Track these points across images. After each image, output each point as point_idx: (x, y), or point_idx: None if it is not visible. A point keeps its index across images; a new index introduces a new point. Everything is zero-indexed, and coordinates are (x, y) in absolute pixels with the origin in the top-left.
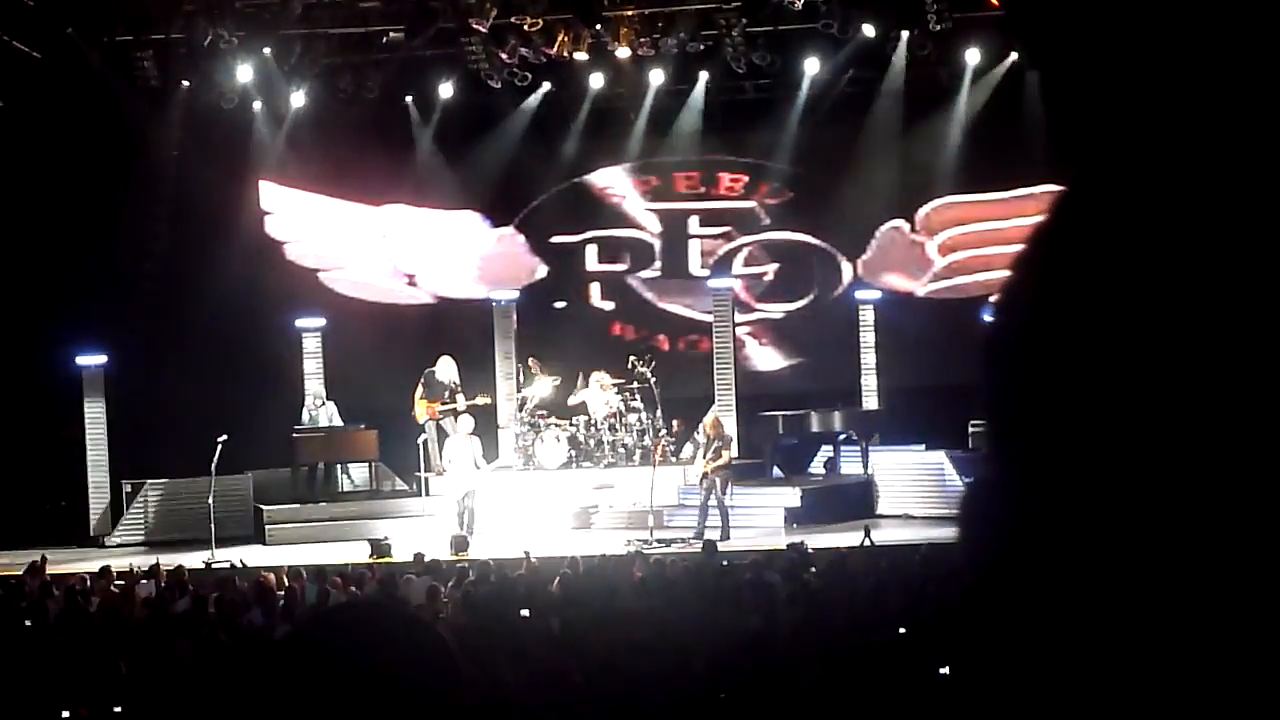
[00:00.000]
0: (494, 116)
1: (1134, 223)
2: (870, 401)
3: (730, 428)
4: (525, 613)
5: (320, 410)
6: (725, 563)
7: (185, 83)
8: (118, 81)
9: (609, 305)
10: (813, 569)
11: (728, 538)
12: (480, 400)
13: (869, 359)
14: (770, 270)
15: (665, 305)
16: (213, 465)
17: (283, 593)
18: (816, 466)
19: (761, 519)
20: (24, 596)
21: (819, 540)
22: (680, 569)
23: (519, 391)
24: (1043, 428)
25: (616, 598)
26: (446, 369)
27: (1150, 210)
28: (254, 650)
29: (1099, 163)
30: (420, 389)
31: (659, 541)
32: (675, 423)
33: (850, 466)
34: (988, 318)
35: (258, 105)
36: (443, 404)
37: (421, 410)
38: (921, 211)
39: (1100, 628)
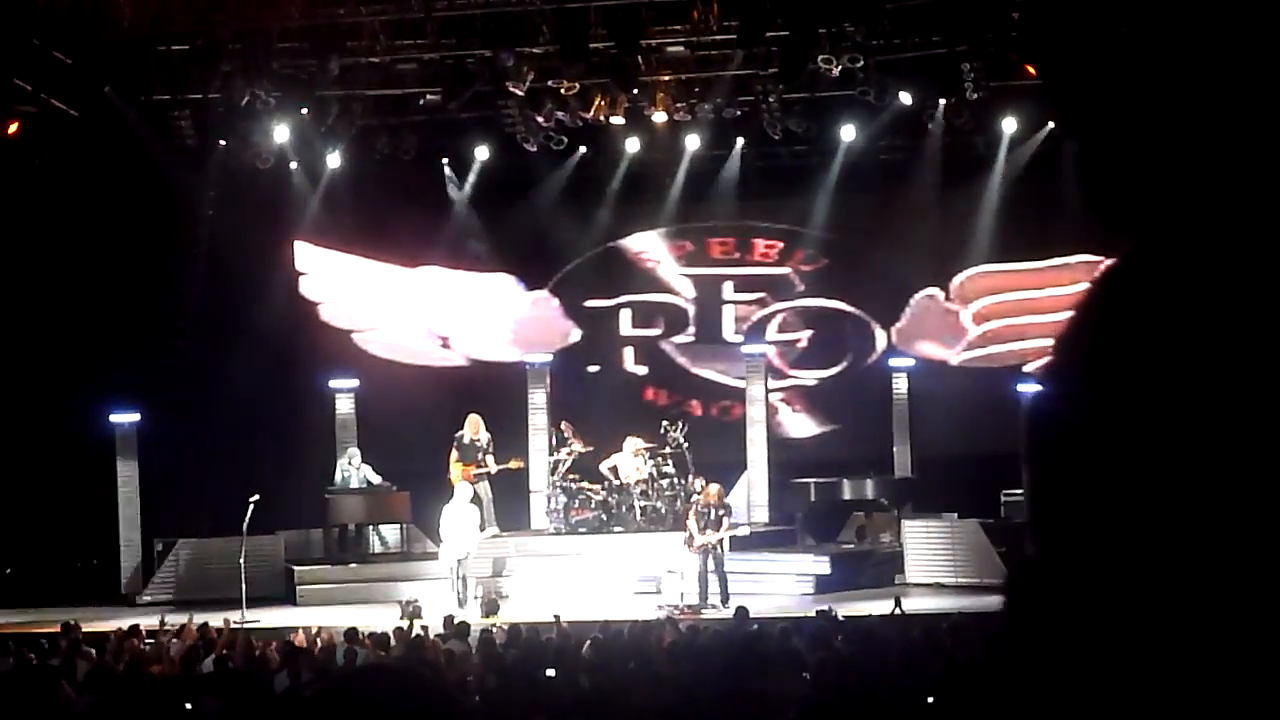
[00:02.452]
0: (529, 180)
1: (1186, 301)
2: (903, 470)
3: (761, 494)
4: (551, 672)
5: (354, 471)
6: (755, 628)
7: (222, 142)
8: (154, 140)
9: (642, 370)
10: (841, 636)
11: (727, 601)
12: (513, 464)
13: (901, 427)
14: (804, 337)
15: (698, 370)
16: (244, 525)
17: (312, 652)
18: (847, 534)
19: (791, 586)
20: (53, 654)
21: (849, 608)
22: (710, 635)
23: (551, 456)
24: (1088, 510)
25: (647, 662)
26: (472, 427)
27: (1204, 289)
28: (280, 711)
29: (1151, 238)
30: (455, 452)
31: (689, 607)
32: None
33: (880, 534)
34: (1029, 389)
35: (294, 165)
36: (477, 466)
37: (457, 473)
38: (956, 280)
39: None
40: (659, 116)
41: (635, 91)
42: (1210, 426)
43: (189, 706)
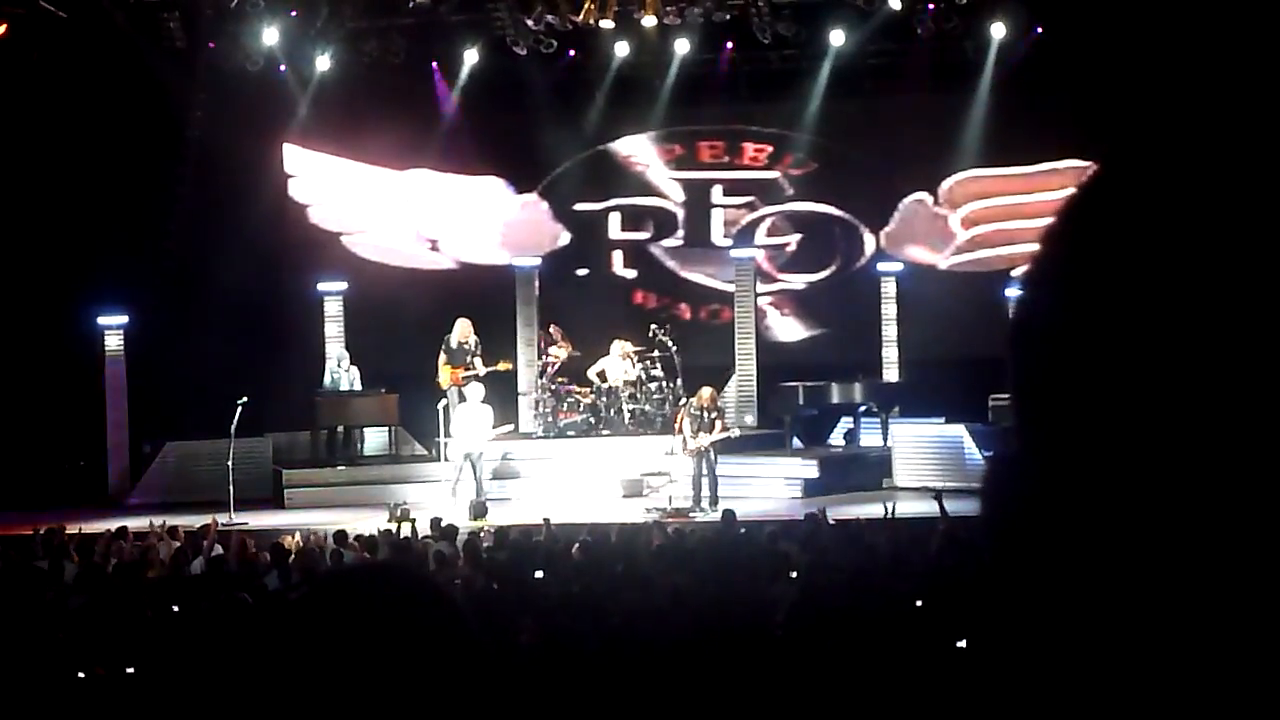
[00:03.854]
0: (519, 83)
1: (1166, 199)
2: (891, 374)
3: (750, 398)
4: (539, 574)
5: (342, 374)
6: (743, 531)
7: (211, 44)
8: (143, 42)
9: (631, 274)
10: (830, 539)
11: (716, 504)
12: (501, 366)
13: (890, 331)
14: (793, 241)
15: (687, 274)
16: (232, 427)
17: (300, 554)
18: (836, 438)
19: (780, 489)
20: (39, 556)
21: (837, 511)
22: (698, 538)
23: (539, 358)
24: (1069, 406)
25: (635, 565)
26: (461, 331)
27: (1182, 187)
28: (269, 612)
29: (1130, 137)
30: (443, 355)
31: (677, 511)
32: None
33: (870, 438)
34: (1015, 293)
35: (283, 68)
36: (466, 369)
37: (445, 376)
38: (945, 184)
39: (1118, 609)
40: (649, 20)
41: None
42: (1188, 327)
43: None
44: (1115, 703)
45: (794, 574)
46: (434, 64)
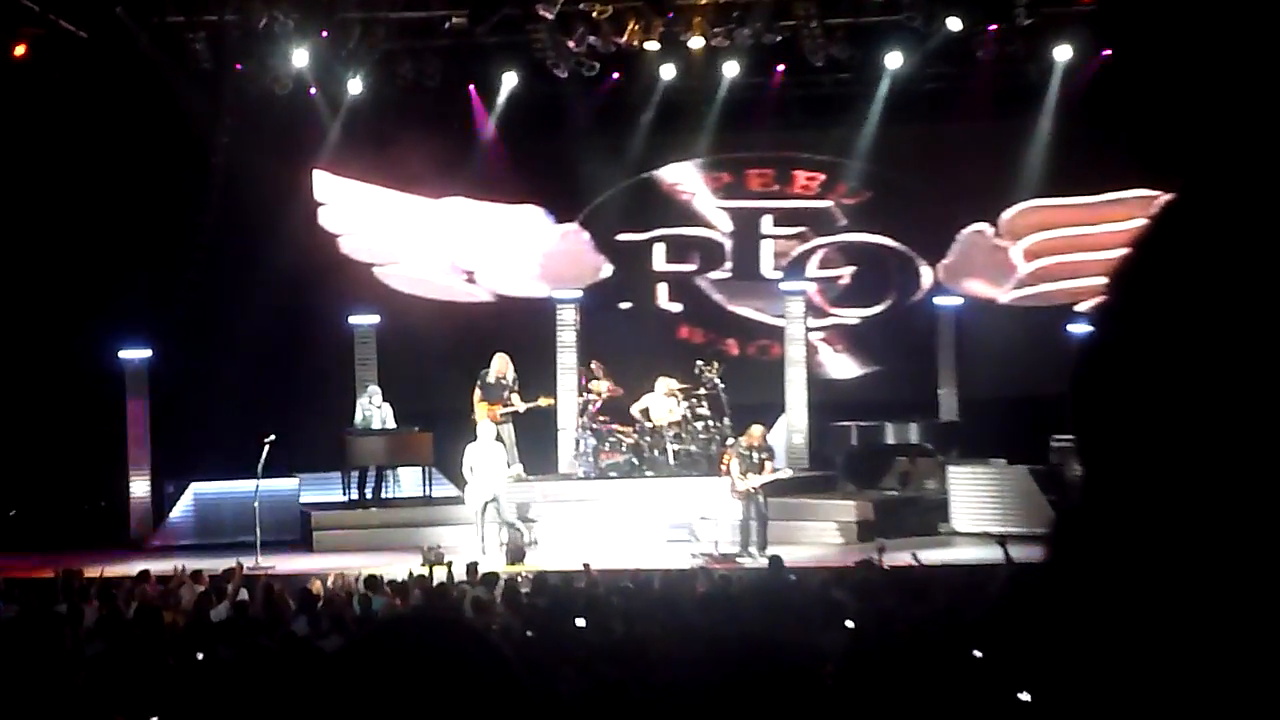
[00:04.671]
0: (559, 108)
1: (1248, 233)
2: (949, 413)
3: (800, 438)
4: (581, 622)
5: (374, 411)
6: (793, 578)
7: (238, 66)
8: (168, 64)
9: (676, 307)
10: (885, 586)
11: (765, 549)
12: (543, 401)
13: (948, 368)
14: (846, 273)
15: (735, 308)
16: (259, 466)
17: (330, 599)
18: (891, 480)
19: (831, 534)
20: (58, 600)
21: (892, 557)
22: (745, 585)
23: (580, 396)
24: (1137, 454)
25: (679, 612)
26: (498, 366)
27: (1266, 220)
28: (302, 661)
29: (1210, 166)
30: (478, 391)
31: (723, 556)
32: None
33: (926, 481)
34: (1079, 330)
35: (313, 91)
36: (504, 406)
37: (482, 413)
38: (1006, 215)
39: (1193, 669)
40: (695, 42)
41: (670, 16)
42: (1269, 370)
43: (200, 656)
44: None
45: (847, 623)
46: (470, 87)
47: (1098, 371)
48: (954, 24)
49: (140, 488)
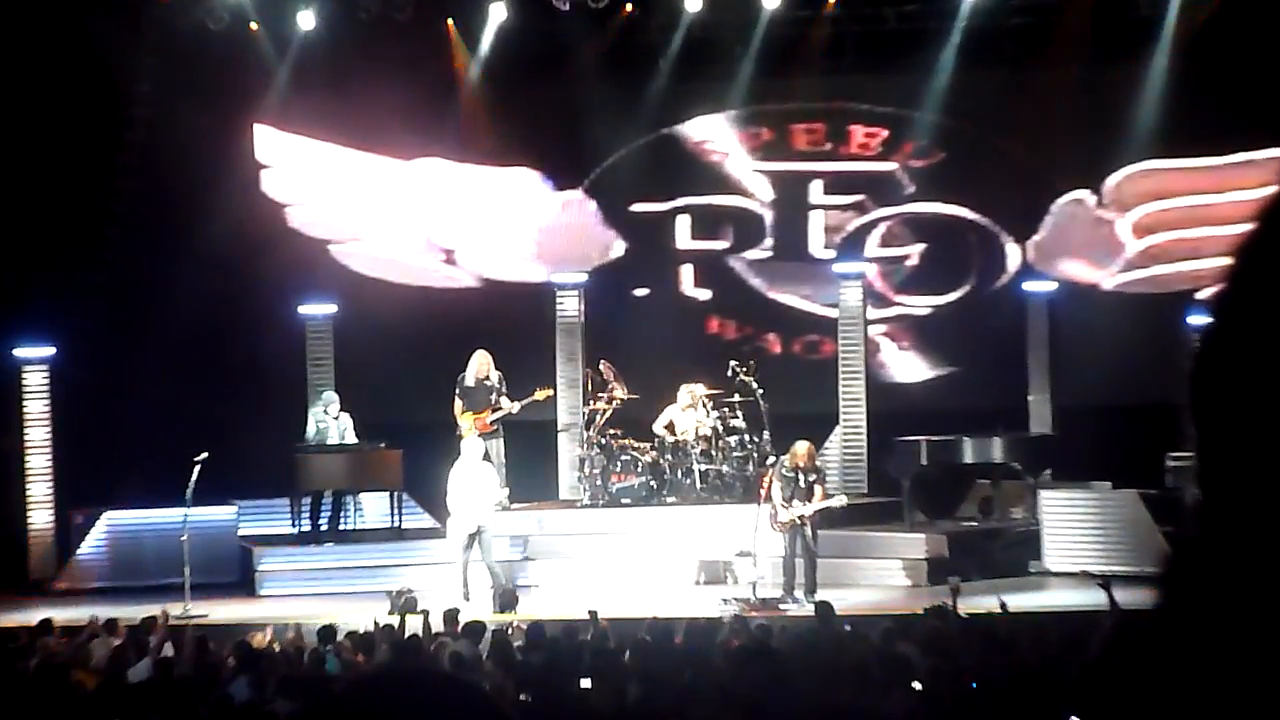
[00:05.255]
0: (559, 47)
1: None
2: (1040, 424)
3: (858, 456)
4: (587, 683)
5: (331, 423)
6: (848, 629)
7: None
8: None
9: (704, 294)
10: (961, 639)
11: (814, 593)
12: (539, 394)
13: (1040, 370)
14: (914, 252)
15: (777, 295)
16: (188, 492)
17: (276, 656)
18: (969, 508)
19: (896, 575)
20: None
21: (970, 603)
22: (789, 638)
23: (586, 404)
24: (1273, 474)
25: (707, 671)
26: (478, 367)
27: None
28: None
29: None
30: (458, 401)
31: (762, 602)
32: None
33: (1012, 509)
34: (1200, 321)
35: (254, 27)
36: (492, 411)
37: (468, 425)
38: (1111, 180)
39: None
40: None
41: None
42: None
43: None
44: None
45: (914, 684)
46: (449, 22)
47: (1220, 372)
48: None
49: (41, 518)
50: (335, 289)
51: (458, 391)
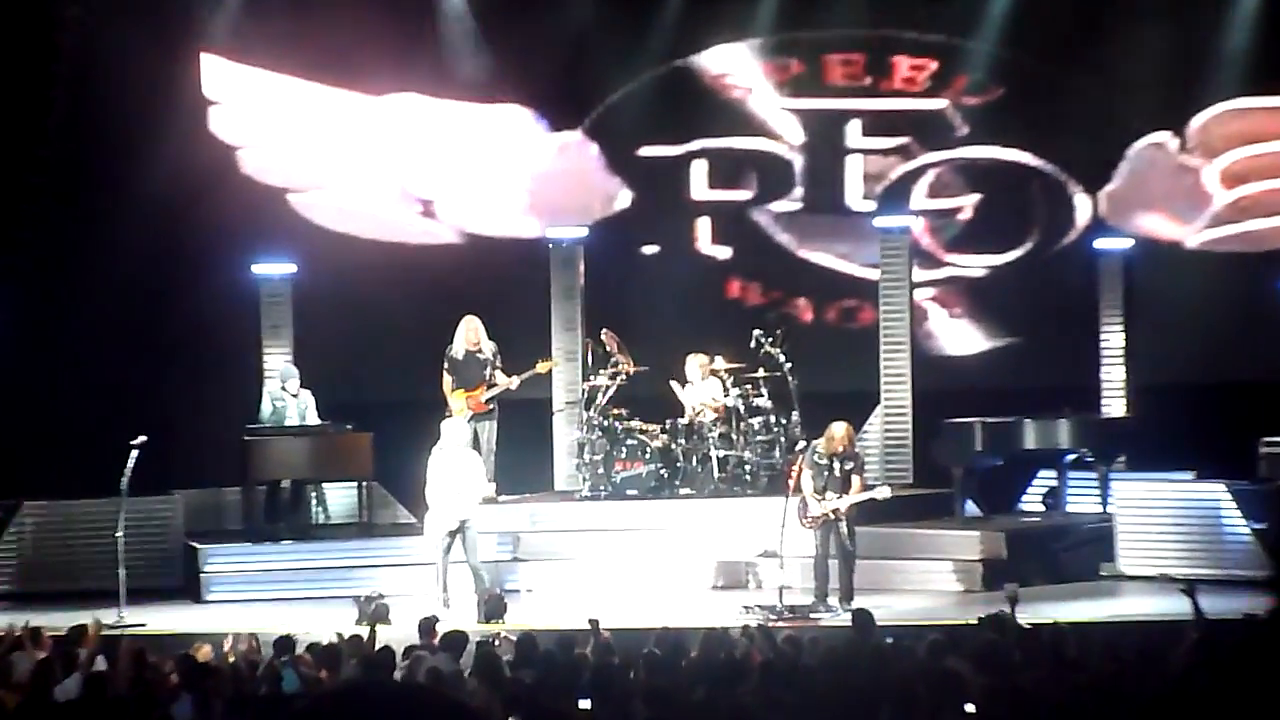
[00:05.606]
0: None
1: None
2: (1114, 405)
3: (903, 440)
4: (586, 704)
5: (289, 402)
6: (890, 641)
7: None
8: None
9: (724, 252)
10: (1021, 653)
11: (850, 600)
12: (540, 367)
13: (1114, 341)
14: (968, 205)
15: (808, 254)
16: (123, 482)
17: (226, 671)
18: (1031, 501)
19: (946, 578)
20: None
21: (1032, 611)
22: (822, 652)
23: (586, 380)
24: None
25: (725, 690)
26: (467, 334)
27: None
28: None
29: None
30: (447, 376)
31: (790, 610)
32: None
33: (1082, 502)
34: None
35: None
36: (487, 386)
37: (460, 404)
38: (1196, 121)
39: None
40: None
41: None
42: None
43: None
44: None
45: (967, 706)
46: None
47: None
48: None
49: None
50: (294, 245)
51: (445, 365)
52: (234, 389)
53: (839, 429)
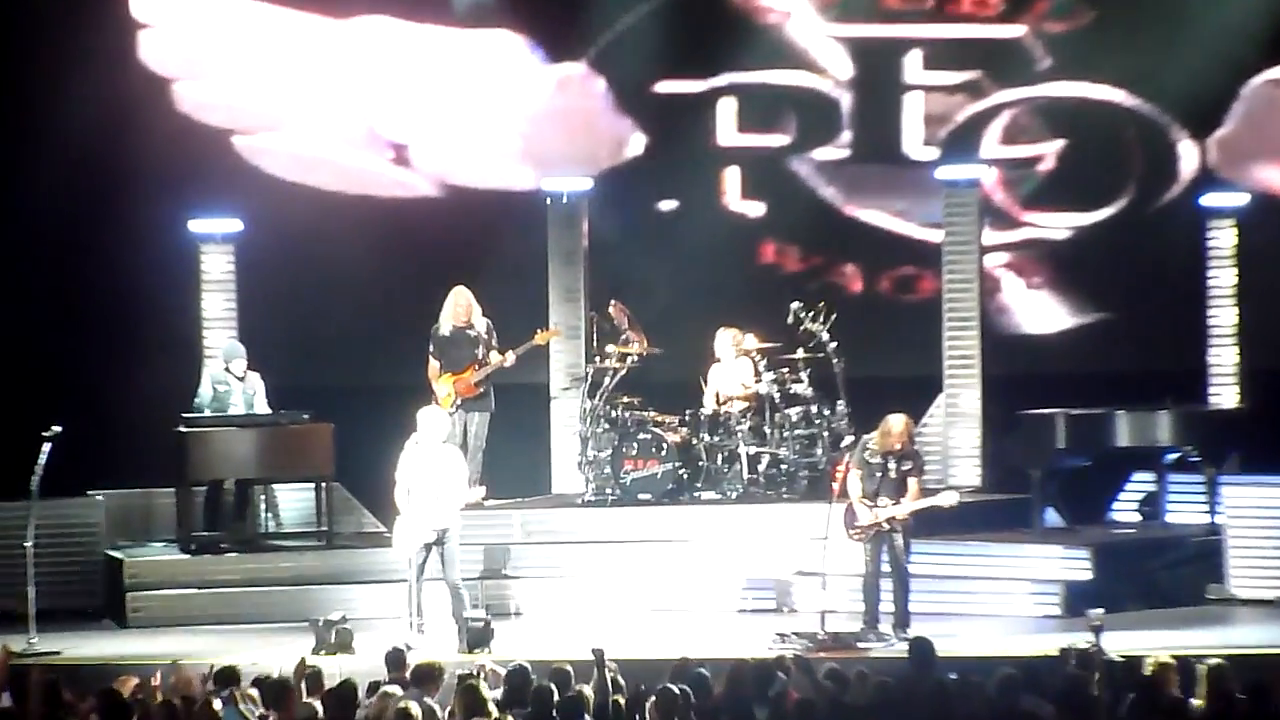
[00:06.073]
0: None
1: None
2: (1224, 394)
3: (970, 436)
4: None
5: (234, 386)
6: (953, 677)
7: None
8: None
9: (757, 208)
10: (1111, 690)
11: (906, 628)
12: (539, 338)
13: (1224, 318)
14: (1050, 153)
15: (858, 211)
16: (33, 482)
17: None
18: (1124, 510)
19: (1022, 601)
20: None
21: (1127, 639)
22: (872, 688)
23: (591, 361)
24: None
25: None
26: (456, 307)
27: None
28: None
29: None
30: (433, 358)
31: (834, 638)
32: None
33: (1185, 511)
34: None
35: None
36: (478, 368)
37: (447, 391)
38: None
39: None
40: None
41: None
42: None
43: None
44: None
45: None
46: None
47: None
48: None
49: None
50: (240, 198)
51: (431, 344)
52: (167, 370)
53: (895, 422)
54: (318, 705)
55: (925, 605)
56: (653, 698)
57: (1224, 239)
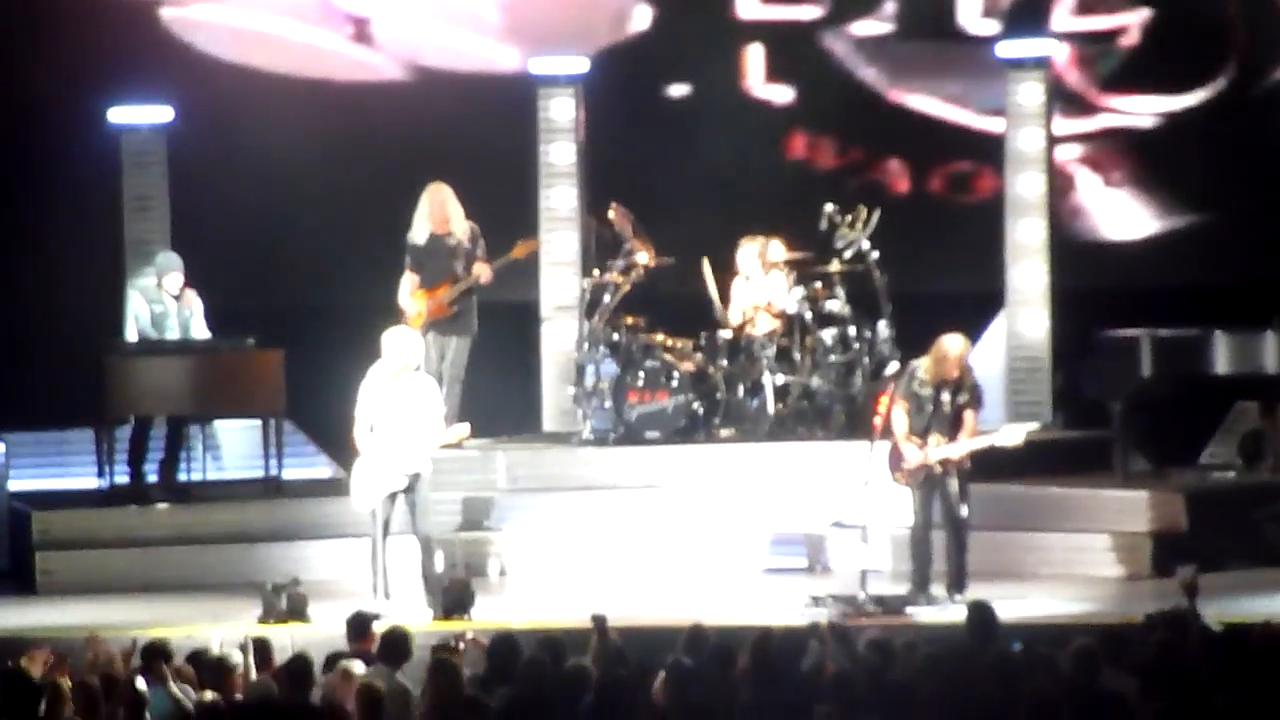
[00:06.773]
0: None
1: None
2: None
3: (1038, 361)
4: None
5: (167, 306)
6: (1018, 647)
7: None
8: None
9: (785, 94)
10: (1210, 664)
11: (962, 589)
12: (518, 250)
13: None
14: (1133, 25)
15: (904, 97)
16: None
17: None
18: (1221, 450)
19: (1100, 559)
20: None
21: (1221, 606)
22: (922, 660)
23: (588, 276)
24: None
25: (789, 717)
26: (434, 209)
27: None
28: None
29: None
30: (410, 273)
31: (877, 602)
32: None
33: None
34: None
35: None
36: (452, 282)
37: (418, 309)
38: None
39: None
40: None
41: None
42: None
43: None
44: None
45: None
46: None
47: None
48: None
49: None
50: (170, 82)
51: (407, 255)
52: (87, 287)
53: (952, 344)
54: (269, 683)
55: (985, 563)
56: (662, 673)
57: None
